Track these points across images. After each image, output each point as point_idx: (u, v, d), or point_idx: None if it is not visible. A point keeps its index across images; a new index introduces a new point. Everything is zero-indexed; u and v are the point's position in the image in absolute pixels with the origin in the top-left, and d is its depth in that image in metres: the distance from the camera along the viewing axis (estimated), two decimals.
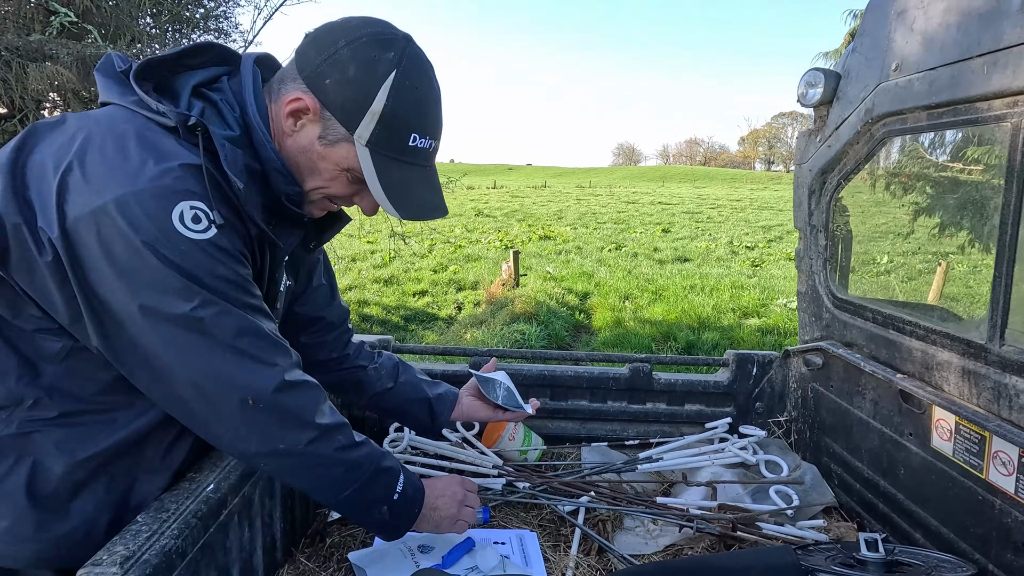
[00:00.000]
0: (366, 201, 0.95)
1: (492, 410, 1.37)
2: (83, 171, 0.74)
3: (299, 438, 0.87)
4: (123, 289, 0.75)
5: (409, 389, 1.36)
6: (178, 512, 0.88)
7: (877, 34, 1.34)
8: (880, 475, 1.39)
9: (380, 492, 0.98)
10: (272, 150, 0.87)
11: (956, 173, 1.52)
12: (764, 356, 1.80)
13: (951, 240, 2.66)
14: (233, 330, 0.81)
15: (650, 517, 1.46)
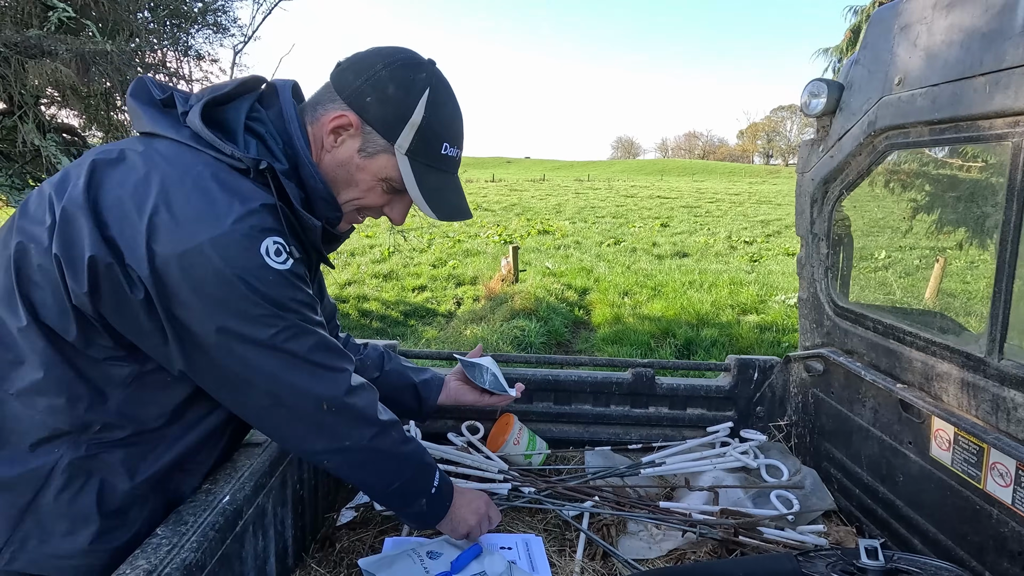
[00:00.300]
0: (396, 210, 1.03)
1: (479, 394, 1.46)
2: (171, 214, 0.80)
3: (364, 434, 0.99)
4: (211, 317, 0.82)
5: (395, 377, 1.41)
6: (196, 525, 0.91)
7: (880, 47, 1.36)
8: (879, 481, 1.42)
9: (422, 485, 1.10)
10: (321, 180, 0.94)
11: (957, 187, 1.54)
12: (765, 361, 1.83)
13: (953, 249, 2.69)
14: (308, 345, 0.90)
15: (654, 522, 1.48)
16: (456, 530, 1.21)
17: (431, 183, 0.97)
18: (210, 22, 5.87)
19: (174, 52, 5.47)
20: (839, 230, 1.59)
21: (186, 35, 5.69)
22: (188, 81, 5.30)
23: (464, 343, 5.77)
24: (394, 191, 1.00)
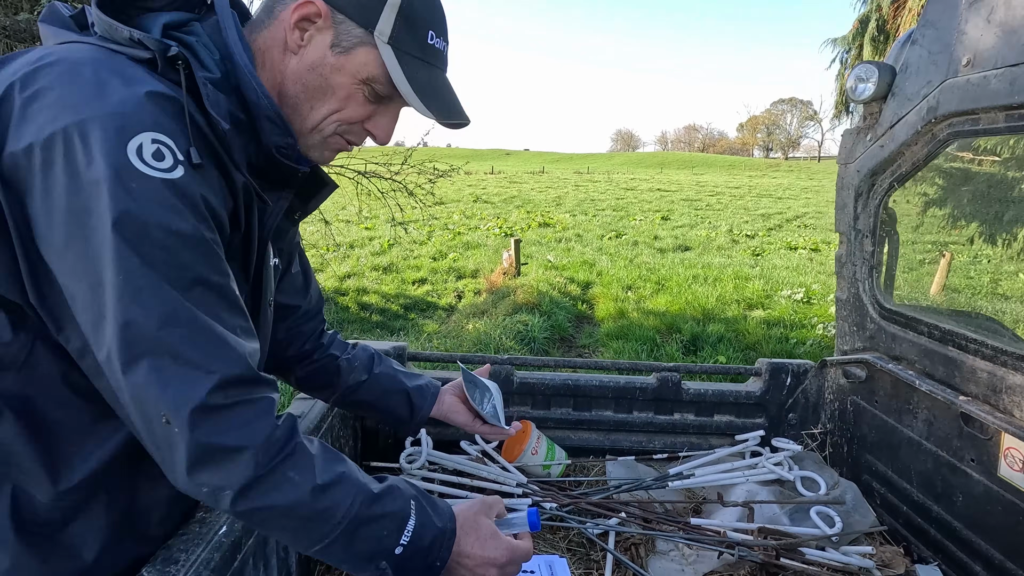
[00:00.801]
0: (381, 123, 0.83)
1: (471, 418, 1.20)
2: (25, 101, 0.61)
3: (229, 478, 0.65)
4: (60, 230, 0.61)
5: (385, 380, 1.21)
6: (187, 563, 0.79)
7: (944, 25, 1.23)
8: (933, 500, 1.31)
9: (370, 546, 0.73)
10: (263, 94, 0.75)
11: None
12: (799, 365, 1.71)
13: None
14: (163, 311, 0.62)
15: (686, 541, 1.37)
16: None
17: (422, 78, 0.79)
18: None
19: None
20: (886, 226, 1.47)
21: None
22: None
23: (466, 338, 5.66)
24: (378, 98, 0.80)
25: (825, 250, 11.04)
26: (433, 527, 0.78)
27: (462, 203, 18.15)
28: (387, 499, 0.76)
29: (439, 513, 0.80)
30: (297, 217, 0.97)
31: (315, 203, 0.96)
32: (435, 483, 1.52)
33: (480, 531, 0.82)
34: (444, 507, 0.82)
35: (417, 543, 0.76)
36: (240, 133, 0.74)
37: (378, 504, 0.74)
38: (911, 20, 8.21)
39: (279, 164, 0.79)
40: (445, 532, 0.79)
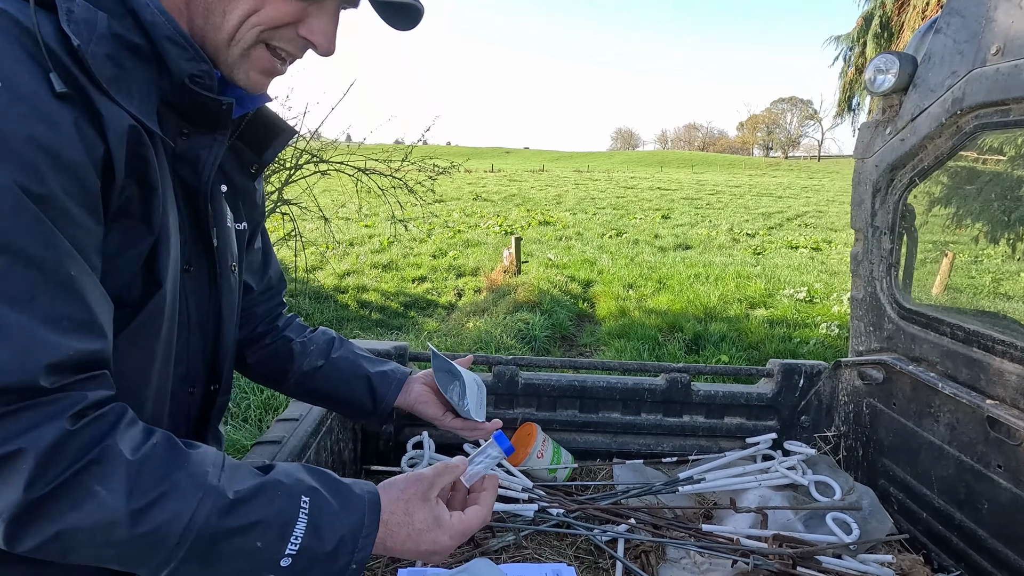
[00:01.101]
0: (318, 26, 0.68)
1: (441, 410, 1.04)
2: None
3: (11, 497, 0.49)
4: None
5: (344, 366, 1.06)
6: None
7: (971, 13, 1.18)
8: (955, 507, 1.26)
9: (239, 564, 0.58)
10: (158, 10, 0.61)
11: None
12: (812, 366, 1.67)
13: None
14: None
15: (698, 549, 1.33)
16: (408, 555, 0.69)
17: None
18: None
19: None
20: (906, 222, 1.42)
21: None
22: None
23: (466, 336, 5.61)
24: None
25: (826, 249, 11.00)
26: (338, 527, 0.60)
27: (462, 201, 18.10)
28: (255, 503, 0.57)
29: (350, 507, 0.62)
30: (255, 171, 0.85)
31: (271, 152, 0.84)
32: None
33: (413, 522, 0.66)
34: (360, 498, 0.64)
35: (313, 550, 0.59)
36: (142, 63, 0.61)
37: (239, 512, 0.57)
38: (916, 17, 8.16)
39: (198, 98, 0.65)
40: (359, 530, 0.62)
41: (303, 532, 0.59)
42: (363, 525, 0.62)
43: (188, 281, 0.73)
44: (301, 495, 0.60)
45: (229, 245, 0.80)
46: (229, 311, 0.81)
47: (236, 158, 0.82)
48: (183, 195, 0.70)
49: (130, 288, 0.63)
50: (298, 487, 0.61)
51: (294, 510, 0.59)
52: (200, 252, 0.75)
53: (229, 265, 0.80)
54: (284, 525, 0.58)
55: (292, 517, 0.59)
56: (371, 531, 0.63)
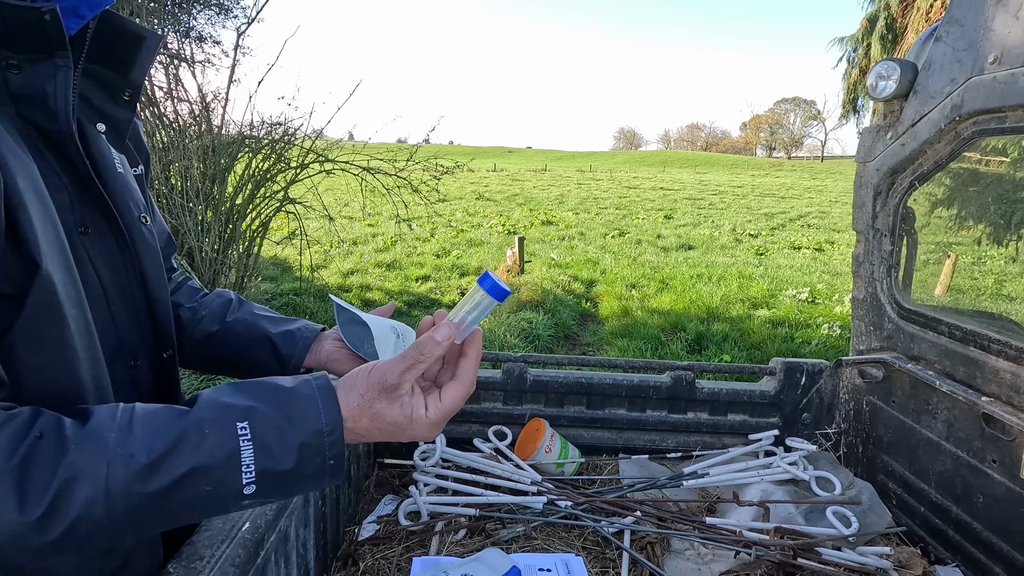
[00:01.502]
0: None
1: (356, 365, 0.82)
2: None
3: None
4: None
5: (242, 328, 0.94)
6: (213, 559, 0.78)
7: (970, 22, 1.22)
8: (952, 501, 1.30)
9: (196, 510, 0.53)
10: None
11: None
12: (813, 365, 1.71)
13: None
14: None
15: (702, 541, 1.37)
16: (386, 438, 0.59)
17: None
18: (212, 3, 5.69)
19: (175, 34, 5.30)
20: (906, 225, 1.46)
21: (188, 16, 5.51)
22: (190, 64, 5.12)
23: None
24: None
25: (829, 250, 11.01)
26: (292, 438, 0.53)
27: (465, 200, 18.14)
28: (178, 454, 0.50)
29: (300, 412, 0.54)
30: (129, 97, 0.71)
31: (139, 69, 0.70)
32: (449, 480, 1.51)
33: (384, 425, 0.56)
34: (308, 398, 0.55)
35: (274, 469, 0.53)
36: None
37: (162, 471, 0.50)
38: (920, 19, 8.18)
39: (6, 12, 0.54)
40: (319, 434, 0.54)
41: (253, 459, 0.52)
42: (321, 427, 0.54)
43: (89, 245, 0.63)
44: (235, 422, 0.52)
45: (129, 193, 0.70)
46: (153, 267, 0.71)
47: (102, 87, 0.68)
48: (44, 144, 0.60)
49: (2, 277, 0.52)
50: (228, 415, 0.53)
51: (231, 441, 0.51)
52: (94, 209, 0.64)
53: (137, 216, 0.70)
54: (228, 460, 0.51)
55: (233, 449, 0.51)
56: (334, 428, 0.54)
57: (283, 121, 5.36)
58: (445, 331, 0.57)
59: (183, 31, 5.50)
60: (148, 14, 5.19)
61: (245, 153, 5.31)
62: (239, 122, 5.37)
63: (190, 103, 5.16)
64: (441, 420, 0.58)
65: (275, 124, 5.38)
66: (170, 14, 5.33)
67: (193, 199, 4.93)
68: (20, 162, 0.54)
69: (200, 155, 4.97)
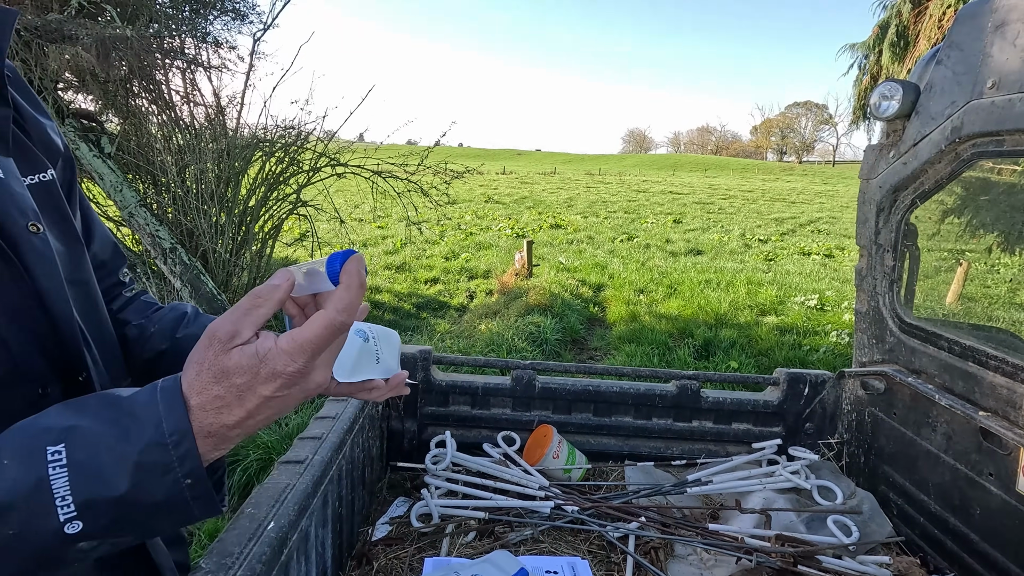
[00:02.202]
0: None
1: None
2: None
3: None
4: None
5: (192, 344, 0.78)
6: (242, 556, 0.84)
7: (969, 47, 1.25)
8: (950, 512, 1.33)
9: (10, 560, 0.44)
10: None
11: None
12: (817, 376, 1.74)
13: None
14: None
15: (704, 546, 1.41)
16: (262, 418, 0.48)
17: None
18: (229, 9, 5.79)
19: (192, 39, 5.40)
20: (908, 240, 1.50)
21: (204, 21, 5.61)
22: (207, 68, 5.22)
23: (478, 338, 5.70)
24: None
25: (839, 256, 10.97)
26: (124, 455, 0.44)
27: (474, 203, 18.21)
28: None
29: (136, 421, 0.45)
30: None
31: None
32: (459, 484, 1.56)
33: (233, 380, 0.46)
34: (146, 404, 0.46)
35: (104, 496, 0.43)
36: None
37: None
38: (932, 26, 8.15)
39: None
40: (159, 444, 0.45)
41: (68, 487, 0.43)
42: (162, 437, 0.45)
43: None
44: (44, 447, 0.44)
45: (13, 203, 0.60)
46: (49, 282, 0.61)
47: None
48: None
49: None
50: (39, 439, 0.44)
51: (38, 469, 0.43)
52: None
53: (23, 227, 0.60)
54: (32, 493, 0.42)
55: (40, 478, 0.43)
56: (179, 431, 0.45)
57: (296, 125, 5.44)
58: (283, 274, 0.50)
59: (200, 36, 5.60)
60: (167, 19, 5.30)
61: (259, 156, 5.40)
62: (253, 125, 5.46)
63: (206, 107, 5.26)
64: (300, 348, 0.46)
65: (288, 128, 5.47)
66: (188, 20, 5.43)
67: (208, 201, 5.02)
68: None
69: (215, 158, 5.06)
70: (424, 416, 1.75)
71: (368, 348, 0.80)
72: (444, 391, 1.74)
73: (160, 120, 5.11)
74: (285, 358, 0.46)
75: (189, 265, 4.50)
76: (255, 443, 3.09)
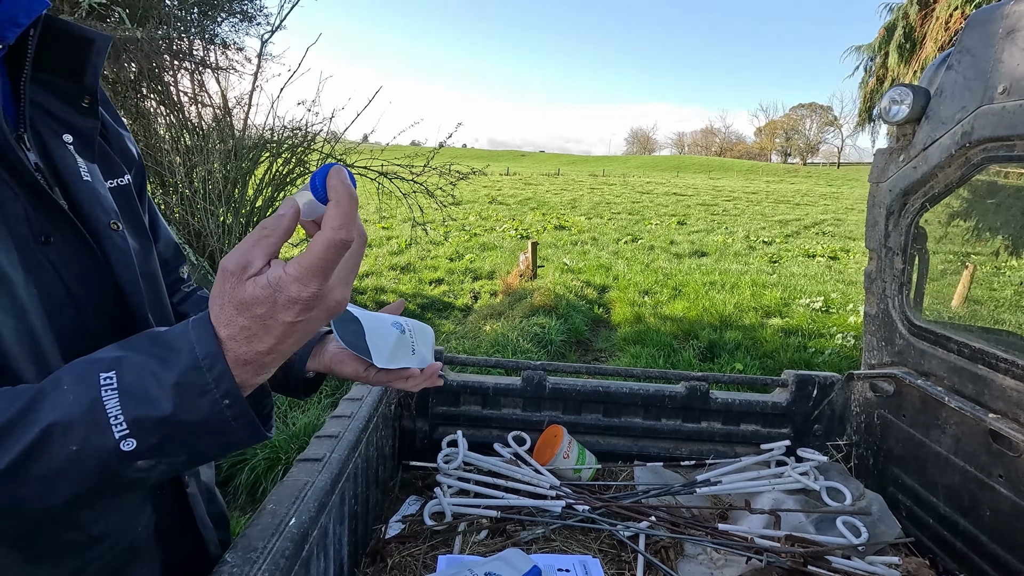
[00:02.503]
0: None
1: (362, 367, 0.86)
2: None
3: None
4: None
5: None
6: (266, 551, 0.86)
7: (980, 53, 1.27)
8: (960, 514, 1.34)
9: (75, 473, 0.49)
10: None
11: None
12: (825, 378, 1.75)
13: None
14: None
15: (714, 546, 1.42)
16: (286, 347, 0.52)
17: None
18: (237, 11, 5.83)
19: (200, 40, 5.44)
20: (917, 244, 1.51)
21: (213, 23, 5.65)
22: (215, 70, 5.26)
23: (483, 339, 5.72)
24: None
25: (844, 258, 10.96)
26: (165, 378, 0.49)
27: (478, 204, 18.25)
28: (33, 414, 0.48)
29: (173, 351, 0.50)
30: (88, 104, 0.70)
31: (92, 73, 0.69)
32: (471, 483, 1.58)
33: (254, 309, 0.49)
34: (182, 334, 0.51)
35: (151, 416, 0.48)
36: None
37: (16, 434, 0.47)
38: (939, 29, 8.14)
39: None
40: (194, 369, 0.49)
41: (119, 407, 0.48)
42: (196, 361, 0.49)
43: (53, 255, 0.62)
44: (98, 373, 0.49)
45: (98, 202, 0.68)
46: (127, 274, 0.68)
47: (59, 97, 0.68)
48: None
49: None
50: (91, 368, 0.50)
51: (92, 391, 0.48)
52: (56, 219, 0.63)
53: (106, 224, 0.67)
54: (89, 411, 0.48)
55: (94, 399, 0.48)
56: (210, 355, 0.49)
57: (303, 126, 5.47)
58: (287, 203, 0.52)
59: (208, 38, 5.64)
60: (175, 20, 5.34)
61: (266, 157, 5.43)
62: (260, 126, 5.50)
63: (214, 108, 5.30)
64: (308, 272, 0.48)
65: (295, 129, 5.50)
66: (197, 22, 5.47)
67: (215, 202, 5.05)
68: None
69: (222, 159, 5.09)
70: (436, 416, 1.77)
71: (404, 339, 0.85)
72: (455, 391, 1.76)
73: (168, 121, 5.15)
74: (297, 285, 0.48)
75: (197, 265, 4.53)
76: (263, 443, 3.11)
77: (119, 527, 0.68)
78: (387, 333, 0.86)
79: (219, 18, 5.76)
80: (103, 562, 0.66)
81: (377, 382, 0.86)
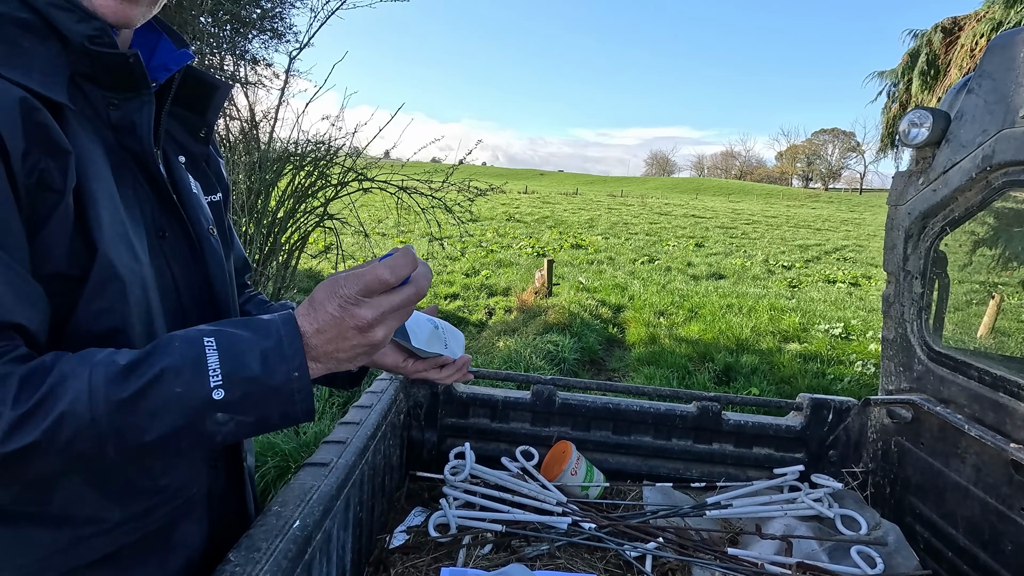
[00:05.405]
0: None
1: (402, 358, 0.97)
2: None
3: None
4: None
5: None
6: (269, 552, 0.86)
7: (1001, 77, 1.26)
8: (979, 546, 1.30)
9: (175, 412, 0.58)
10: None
11: None
12: (841, 402, 1.72)
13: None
14: None
15: (723, 570, 1.39)
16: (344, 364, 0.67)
17: None
18: (267, 28, 6.02)
19: (232, 56, 5.61)
20: (937, 268, 1.48)
21: (244, 40, 5.84)
22: (244, 84, 5.41)
23: (496, 355, 5.72)
24: None
25: (866, 285, 10.77)
26: (255, 347, 0.61)
27: (495, 221, 18.37)
28: (152, 359, 0.58)
29: (262, 330, 0.63)
30: (204, 135, 0.87)
31: (213, 112, 0.86)
32: (477, 496, 1.57)
33: (317, 318, 0.63)
34: (269, 321, 0.64)
35: (240, 373, 0.59)
36: (41, 40, 0.63)
37: (138, 372, 0.57)
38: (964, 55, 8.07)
39: (102, 59, 0.65)
40: (280, 344, 0.61)
41: (218, 362, 0.59)
42: (279, 338, 0.62)
43: (166, 247, 0.76)
44: (203, 337, 0.61)
45: (201, 211, 0.82)
46: (218, 271, 0.83)
47: (184, 126, 0.85)
48: (136, 164, 0.72)
49: (69, 259, 0.62)
50: (196, 334, 0.61)
51: (198, 349, 0.60)
52: (172, 219, 0.77)
53: (206, 228, 0.82)
54: (195, 363, 0.58)
55: (199, 354, 0.59)
56: (289, 335, 0.62)
57: (326, 140, 5.58)
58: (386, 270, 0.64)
59: (239, 54, 5.82)
60: (208, 36, 5.53)
61: (289, 169, 5.54)
62: (285, 140, 5.62)
63: (241, 121, 5.44)
64: (363, 291, 0.62)
65: (319, 143, 5.61)
66: (229, 39, 5.65)
67: (238, 212, 5.16)
68: (96, 169, 0.65)
69: (247, 171, 5.21)
70: (444, 427, 1.77)
71: (438, 334, 0.98)
72: (464, 403, 1.76)
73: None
74: (356, 309, 0.62)
75: None
76: (273, 450, 3.13)
77: (181, 482, 0.79)
78: (424, 324, 0.98)
79: (250, 35, 5.95)
80: (162, 511, 0.77)
81: (414, 371, 0.99)
